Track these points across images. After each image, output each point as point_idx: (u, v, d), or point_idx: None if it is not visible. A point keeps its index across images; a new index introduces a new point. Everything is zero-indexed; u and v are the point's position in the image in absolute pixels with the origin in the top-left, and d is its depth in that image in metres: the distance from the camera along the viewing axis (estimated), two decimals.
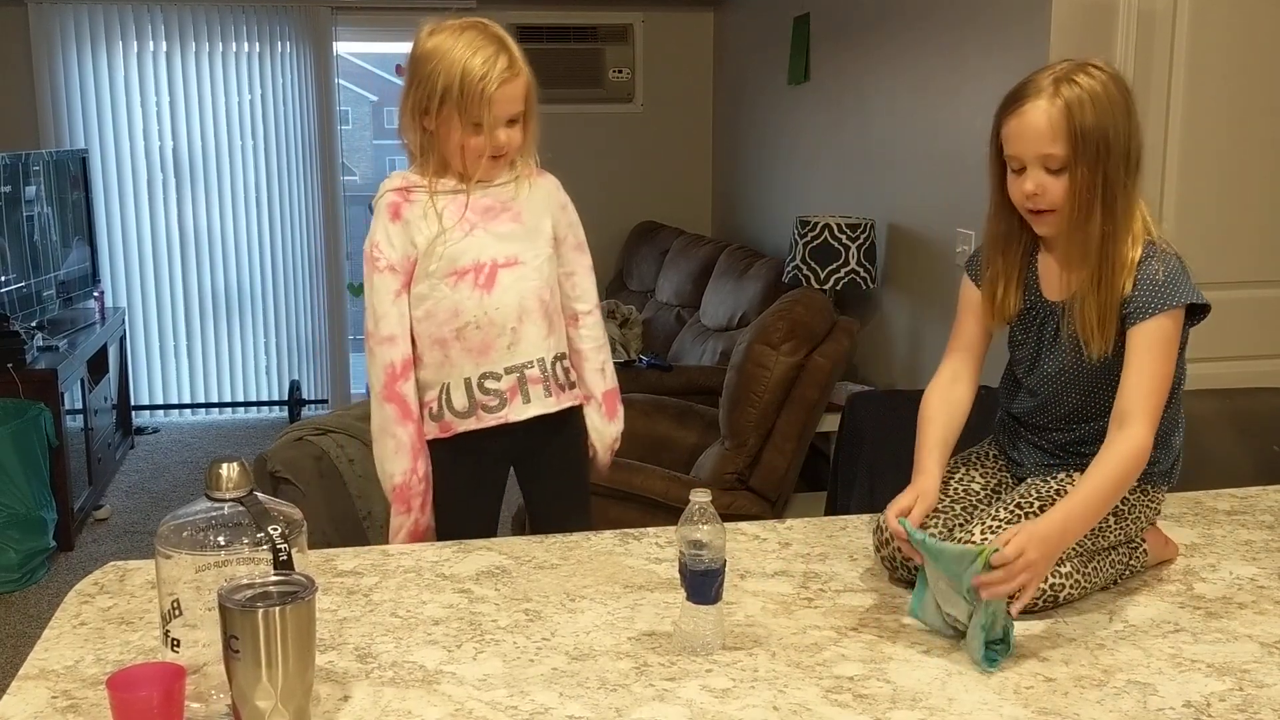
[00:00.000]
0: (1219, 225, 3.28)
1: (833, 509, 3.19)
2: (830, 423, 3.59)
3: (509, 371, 2.03)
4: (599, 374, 2.18)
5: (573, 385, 2.13)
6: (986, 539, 1.63)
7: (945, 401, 1.84)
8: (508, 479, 2.18)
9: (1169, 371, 1.67)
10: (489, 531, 2.11)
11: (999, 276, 1.81)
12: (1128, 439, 1.63)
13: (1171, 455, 1.80)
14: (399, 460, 2.02)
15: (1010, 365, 1.90)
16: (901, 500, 1.70)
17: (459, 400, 2.03)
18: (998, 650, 1.51)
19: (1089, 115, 1.63)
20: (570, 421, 2.15)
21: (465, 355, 2.01)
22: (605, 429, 2.22)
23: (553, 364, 2.07)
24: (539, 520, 2.16)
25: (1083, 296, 1.70)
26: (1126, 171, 1.67)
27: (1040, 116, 1.65)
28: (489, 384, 2.02)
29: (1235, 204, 3.29)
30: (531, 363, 2.04)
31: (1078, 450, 1.78)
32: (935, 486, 1.73)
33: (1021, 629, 1.61)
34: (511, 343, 2.02)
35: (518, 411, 2.04)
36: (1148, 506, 1.79)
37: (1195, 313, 1.70)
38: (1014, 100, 1.69)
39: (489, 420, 2.04)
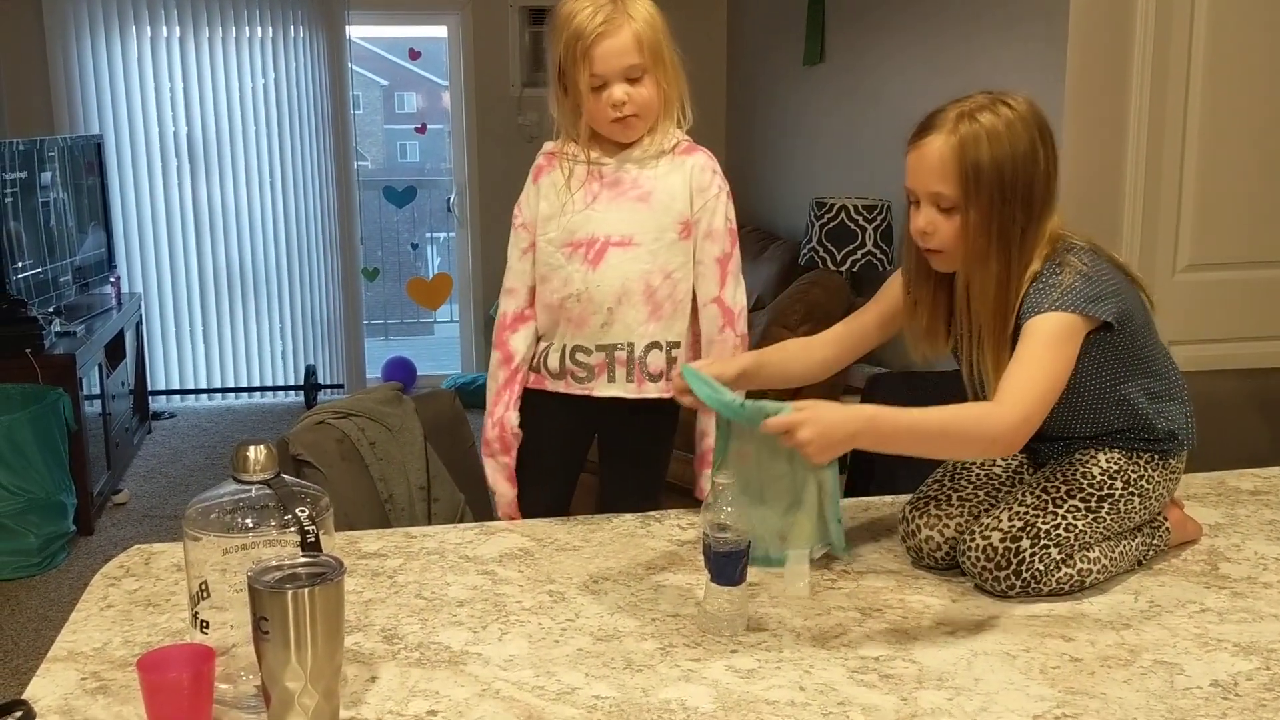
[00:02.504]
0: (1240, 204, 3.26)
1: (851, 491, 3.18)
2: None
3: (599, 349, 2.04)
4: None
5: (665, 377, 2.04)
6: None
7: (796, 345, 1.91)
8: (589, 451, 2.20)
9: (1056, 367, 1.57)
10: (565, 495, 2.17)
11: (921, 305, 1.77)
12: (989, 407, 1.55)
13: (1166, 425, 1.74)
14: (491, 406, 2.10)
15: None
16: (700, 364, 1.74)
17: (553, 362, 2.08)
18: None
19: (984, 154, 1.57)
20: (660, 413, 2.10)
21: (566, 324, 2.04)
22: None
23: (645, 350, 2.03)
24: (607, 502, 2.15)
25: (980, 336, 1.67)
26: (1028, 214, 1.61)
27: (934, 153, 1.60)
28: (579, 356, 2.05)
29: (1256, 183, 3.27)
30: (622, 345, 2.03)
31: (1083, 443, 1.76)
32: (730, 368, 1.79)
33: (1046, 609, 1.62)
34: (606, 322, 2.01)
35: (601, 388, 2.05)
36: (1168, 479, 1.77)
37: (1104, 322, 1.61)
38: (918, 132, 1.64)
39: (575, 388, 2.07)
